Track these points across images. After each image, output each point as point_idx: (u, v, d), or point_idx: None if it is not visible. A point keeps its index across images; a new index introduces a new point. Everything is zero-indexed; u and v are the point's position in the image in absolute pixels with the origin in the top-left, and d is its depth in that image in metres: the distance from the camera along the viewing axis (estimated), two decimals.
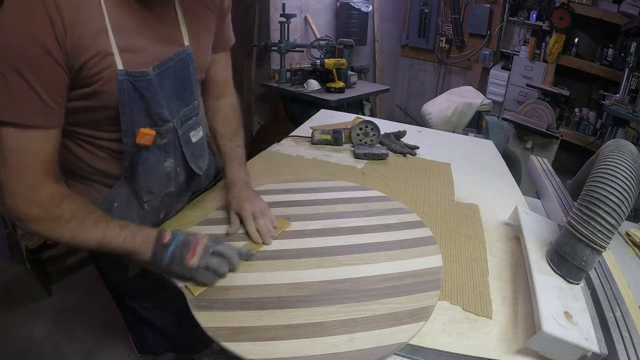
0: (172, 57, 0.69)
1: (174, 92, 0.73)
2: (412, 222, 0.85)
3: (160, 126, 0.71)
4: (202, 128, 0.83)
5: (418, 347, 0.57)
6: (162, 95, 0.69)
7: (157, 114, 0.69)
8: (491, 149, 1.45)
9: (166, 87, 0.70)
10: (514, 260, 0.79)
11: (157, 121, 0.70)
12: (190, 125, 0.78)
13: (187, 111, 0.77)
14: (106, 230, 0.62)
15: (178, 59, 0.70)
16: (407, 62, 4.61)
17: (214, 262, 0.64)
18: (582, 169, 1.06)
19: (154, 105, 0.68)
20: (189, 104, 0.77)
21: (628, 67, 2.84)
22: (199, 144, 0.83)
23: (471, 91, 3.11)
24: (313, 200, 0.92)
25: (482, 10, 3.79)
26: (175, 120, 0.74)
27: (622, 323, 0.60)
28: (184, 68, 0.73)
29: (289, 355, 0.53)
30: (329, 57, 2.65)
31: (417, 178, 1.10)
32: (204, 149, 0.86)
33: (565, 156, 3.17)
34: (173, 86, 0.72)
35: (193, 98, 0.77)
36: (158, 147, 0.73)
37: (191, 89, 0.76)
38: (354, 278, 0.68)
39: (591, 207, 0.63)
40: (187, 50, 0.72)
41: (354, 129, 1.28)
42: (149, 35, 0.66)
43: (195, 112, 0.79)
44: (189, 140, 0.79)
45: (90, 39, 0.58)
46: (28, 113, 0.56)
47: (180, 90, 0.74)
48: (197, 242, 0.65)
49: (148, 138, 0.68)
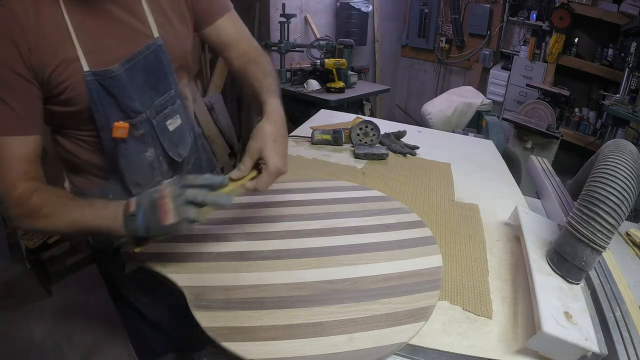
0: (141, 51, 0.71)
1: (147, 84, 0.75)
2: (412, 222, 0.85)
3: (133, 117, 0.73)
4: (179, 117, 0.84)
5: (418, 347, 0.57)
6: (132, 89, 0.72)
7: (128, 107, 0.72)
8: (491, 149, 1.45)
9: (137, 81, 0.72)
10: (514, 260, 0.79)
11: (129, 114, 0.73)
12: (167, 114, 0.80)
13: (162, 100, 0.78)
14: (73, 211, 0.64)
15: (148, 51, 0.72)
16: (407, 62, 4.62)
17: (190, 214, 0.58)
18: (582, 169, 1.06)
19: (124, 99, 0.71)
20: (164, 94, 0.78)
21: (628, 67, 2.84)
22: (177, 132, 0.84)
23: (471, 91, 3.11)
24: (313, 200, 0.92)
25: (482, 10, 3.79)
26: (149, 110, 0.76)
27: (622, 323, 0.60)
28: (156, 60, 0.74)
29: (289, 355, 0.53)
30: (329, 57, 2.65)
31: (417, 178, 1.10)
32: (183, 136, 0.87)
33: (565, 156, 3.17)
34: (145, 79, 0.74)
35: (169, 87, 0.79)
36: (135, 138, 0.76)
37: (166, 79, 0.78)
38: (353, 278, 0.67)
39: (591, 207, 0.63)
40: (157, 42, 0.73)
41: (354, 129, 1.28)
42: (115, 32, 0.69)
43: (171, 101, 0.80)
44: (166, 129, 0.81)
45: (53, 50, 0.63)
46: (3, 124, 0.63)
47: (154, 81, 0.76)
48: (162, 197, 0.58)
49: (123, 131, 0.72)
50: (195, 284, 0.65)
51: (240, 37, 0.88)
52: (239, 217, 0.85)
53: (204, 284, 0.65)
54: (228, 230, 0.80)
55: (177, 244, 0.74)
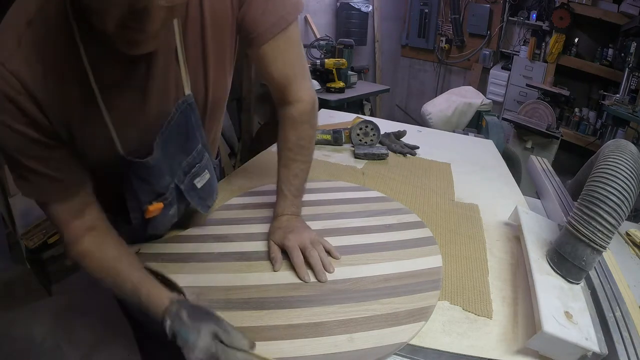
0: (172, 115, 0.61)
1: (176, 149, 0.66)
2: (412, 222, 0.85)
3: (164, 193, 0.66)
4: (207, 171, 0.74)
5: (418, 347, 0.57)
6: (164, 165, 0.64)
7: (160, 187, 0.65)
8: (491, 149, 1.45)
9: (168, 151, 0.63)
10: (514, 260, 0.79)
11: (161, 192, 0.66)
12: (195, 173, 0.71)
13: (190, 159, 0.69)
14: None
15: (178, 112, 0.62)
16: (407, 62, 4.62)
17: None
18: (582, 169, 1.06)
19: (158, 183, 0.64)
20: (192, 151, 0.69)
21: (628, 67, 2.85)
22: (206, 186, 0.75)
23: (471, 91, 3.11)
24: (313, 201, 0.92)
25: (482, 10, 3.79)
26: (176, 177, 0.68)
27: (622, 323, 0.60)
28: (185, 120, 0.64)
29: (289, 355, 0.53)
30: (329, 57, 2.65)
31: (417, 178, 1.10)
32: (211, 188, 0.78)
33: (565, 156, 3.18)
34: (174, 145, 0.65)
35: (196, 143, 0.69)
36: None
37: (194, 137, 0.68)
38: (354, 278, 0.67)
39: (591, 207, 0.63)
40: (187, 101, 0.63)
41: (354, 129, 1.28)
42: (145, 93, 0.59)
43: (199, 157, 0.70)
44: (194, 188, 0.72)
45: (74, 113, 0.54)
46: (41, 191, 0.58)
47: (183, 142, 0.66)
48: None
49: (157, 211, 0.66)
50: (196, 284, 0.65)
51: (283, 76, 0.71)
52: (239, 217, 0.85)
53: (204, 284, 0.65)
54: (228, 231, 0.80)
55: (177, 244, 0.74)
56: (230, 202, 0.90)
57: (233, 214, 0.86)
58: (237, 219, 0.84)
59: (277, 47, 0.68)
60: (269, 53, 0.68)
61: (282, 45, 0.68)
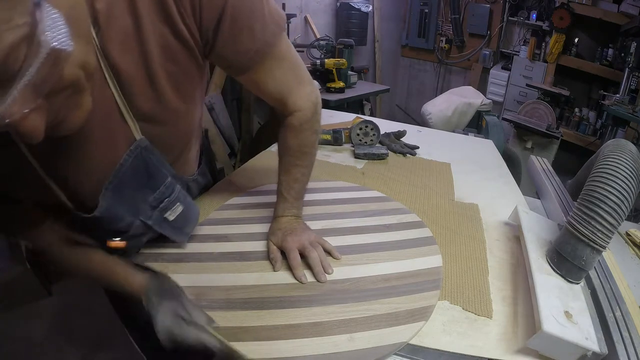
0: (122, 163, 0.58)
1: (136, 190, 0.62)
2: (412, 222, 0.85)
3: (127, 231, 0.64)
4: (180, 204, 0.68)
5: (418, 346, 0.57)
6: (121, 208, 0.61)
7: (120, 229, 0.63)
8: (491, 149, 1.45)
9: (123, 195, 0.61)
10: (514, 260, 0.79)
11: (122, 232, 0.64)
12: (163, 207, 0.66)
13: (158, 195, 0.65)
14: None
15: (131, 158, 0.58)
16: (407, 62, 4.62)
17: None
18: (582, 169, 1.06)
19: (112, 228, 0.62)
20: (160, 186, 0.65)
21: (628, 67, 2.85)
22: (180, 217, 0.70)
23: (471, 91, 3.11)
24: (313, 201, 0.92)
25: (482, 10, 3.79)
26: (142, 214, 0.65)
27: (622, 323, 0.60)
28: (144, 163, 0.60)
29: (289, 355, 0.53)
30: (329, 57, 2.65)
31: (417, 178, 1.10)
32: (188, 216, 0.72)
33: (565, 156, 3.17)
34: (133, 187, 0.61)
35: (163, 178, 0.65)
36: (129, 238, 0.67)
37: (158, 173, 0.64)
38: (354, 278, 0.68)
39: (591, 206, 0.63)
40: (140, 145, 0.59)
41: (354, 129, 1.28)
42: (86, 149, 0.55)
43: (169, 191, 0.66)
44: (165, 220, 0.68)
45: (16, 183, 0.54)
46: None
47: (145, 180, 0.63)
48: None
49: (120, 247, 0.64)
50: (196, 284, 0.65)
51: (277, 93, 0.68)
52: (239, 217, 0.85)
53: (204, 284, 0.65)
54: (228, 230, 0.80)
55: (177, 244, 0.74)
56: (230, 202, 0.90)
57: (233, 214, 0.86)
58: (237, 218, 0.84)
59: (264, 69, 0.63)
60: (259, 76, 0.64)
61: (270, 65, 0.64)
